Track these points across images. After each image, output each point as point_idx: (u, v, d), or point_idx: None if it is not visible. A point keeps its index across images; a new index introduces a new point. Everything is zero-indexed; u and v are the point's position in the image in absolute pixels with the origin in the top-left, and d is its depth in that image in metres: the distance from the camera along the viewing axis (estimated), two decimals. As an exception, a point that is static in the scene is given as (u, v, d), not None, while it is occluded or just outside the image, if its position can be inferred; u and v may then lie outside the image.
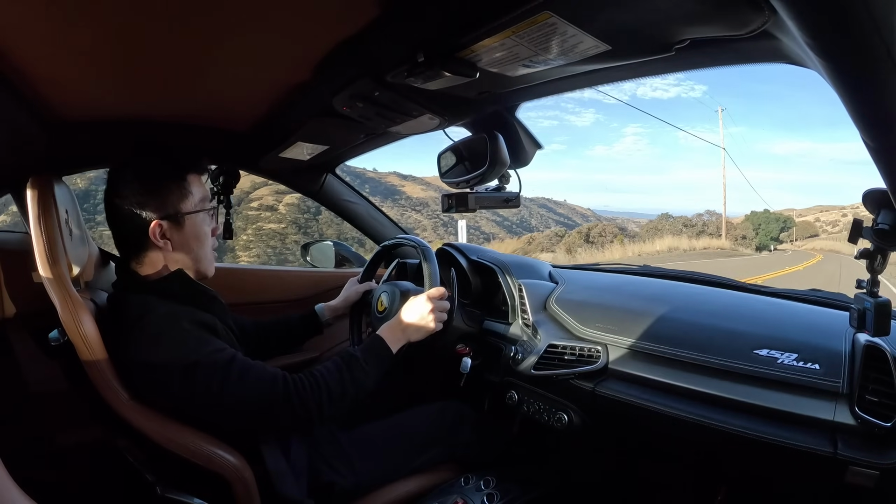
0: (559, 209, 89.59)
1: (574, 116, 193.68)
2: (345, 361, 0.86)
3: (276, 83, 0.83)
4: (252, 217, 30.42)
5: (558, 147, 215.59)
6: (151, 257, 0.85)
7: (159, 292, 0.83)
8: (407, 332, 0.94)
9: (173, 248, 0.85)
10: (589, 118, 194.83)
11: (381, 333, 0.93)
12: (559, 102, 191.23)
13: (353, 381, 0.84)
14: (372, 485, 0.97)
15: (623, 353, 0.96)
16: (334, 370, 0.84)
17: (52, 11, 0.54)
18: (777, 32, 0.49)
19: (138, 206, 0.82)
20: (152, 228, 0.82)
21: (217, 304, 0.91)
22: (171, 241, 0.85)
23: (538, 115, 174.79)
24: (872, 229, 0.62)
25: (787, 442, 0.72)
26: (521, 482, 1.04)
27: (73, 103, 0.85)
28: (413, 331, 0.95)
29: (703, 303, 1.02)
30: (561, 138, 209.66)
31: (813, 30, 0.37)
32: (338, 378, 0.83)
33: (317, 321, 1.19)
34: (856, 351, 0.73)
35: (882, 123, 0.42)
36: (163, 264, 0.86)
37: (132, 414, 0.76)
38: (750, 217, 37.89)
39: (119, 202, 0.83)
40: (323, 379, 0.82)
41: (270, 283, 1.55)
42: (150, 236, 0.82)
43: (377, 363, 0.89)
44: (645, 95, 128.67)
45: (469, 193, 0.97)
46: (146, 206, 0.82)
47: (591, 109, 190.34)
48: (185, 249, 0.87)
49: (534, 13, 0.50)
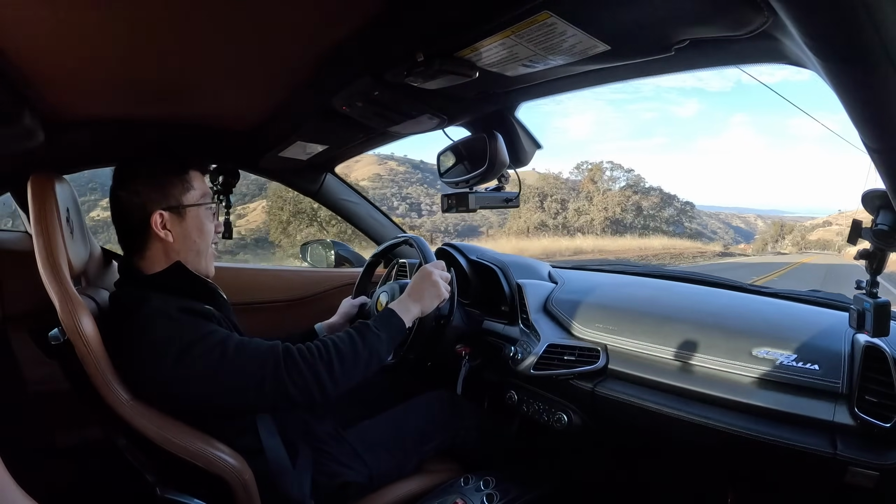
0: None
1: (676, 107, 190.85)
2: (356, 329, 0.85)
3: (276, 83, 0.84)
4: None
5: (662, 140, 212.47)
6: (153, 251, 0.86)
7: (158, 286, 0.83)
8: (417, 302, 0.94)
9: (174, 240, 0.86)
10: (692, 108, 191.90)
11: (391, 306, 0.92)
12: (660, 93, 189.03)
13: (367, 346, 0.82)
14: (385, 477, 0.97)
15: (623, 353, 0.96)
16: (346, 336, 0.83)
17: (52, 11, 0.54)
18: (777, 33, 0.49)
19: (141, 198, 0.84)
20: (154, 218, 0.84)
21: (217, 299, 0.91)
22: (173, 233, 0.86)
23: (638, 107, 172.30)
24: (872, 230, 0.62)
25: (787, 442, 0.72)
26: (521, 482, 1.04)
27: (73, 103, 0.85)
28: (423, 300, 0.94)
29: (702, 303, 1.02)
30: (664, 130, 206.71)
31: (812, 31, 0.37)
32: (349, 342, 0.81)
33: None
34: (855, 351, 0.73)
35: (882, 124, 0.42)
36: (164, 258, 0.87)
37: (132, 414, 0.76)
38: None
39: (123, 195, 0.85)
40: (332, 343, 0.80)
41: (270, 283, 1.55)
42: (151, 226, 0.84)
43: (389, 332, 0.87)
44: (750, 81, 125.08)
45: (469, 193, 0.97)
46: (149, 198, 0.84)
47: (694, 99, 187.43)
48: (186, 242, 0.88)
49: (533, 13, 0.50)
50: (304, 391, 0.76)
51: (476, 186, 0.99)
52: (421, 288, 0.95)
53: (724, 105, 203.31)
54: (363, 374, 0.82)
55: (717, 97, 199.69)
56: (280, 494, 0.83)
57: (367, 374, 0.83)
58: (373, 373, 0.85)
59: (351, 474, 0.93)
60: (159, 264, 0.86)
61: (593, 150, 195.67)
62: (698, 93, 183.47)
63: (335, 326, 1.19)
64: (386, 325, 0.88)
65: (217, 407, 0.79)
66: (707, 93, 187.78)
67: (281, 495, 0.83)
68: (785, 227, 61.93)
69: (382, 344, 0.85)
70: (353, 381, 0.81)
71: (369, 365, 0.83)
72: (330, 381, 0.78)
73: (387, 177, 58.13)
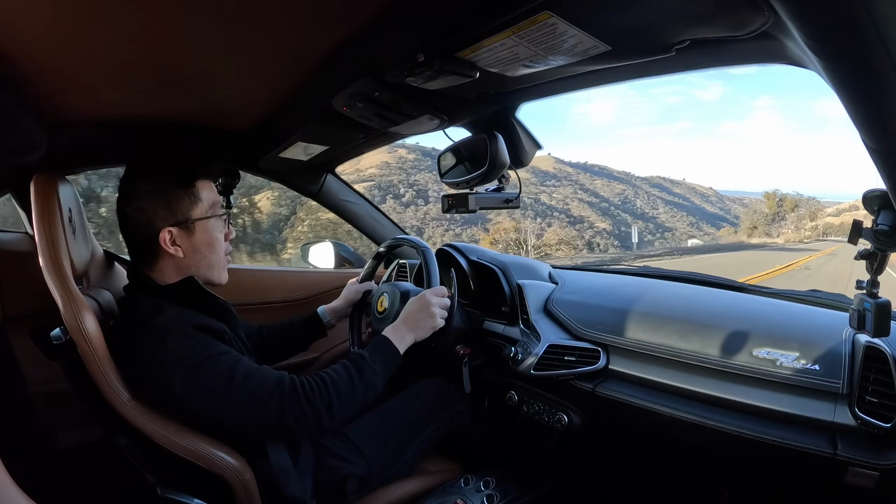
0: (675, 188, 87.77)
1: (701, 90, 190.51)
2: (353, 363, 0.86)
3: (276, 83, 0.83)
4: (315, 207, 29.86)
5: (686, 125, 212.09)
6: (164, 264, 0.85)
7: (170, 297, 0.83)
8: (412, 331, 0.94)
9: (185, 255, 0.85)
10: (716, 92, 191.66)
11: (386, 334, 0.93)
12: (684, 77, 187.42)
13: (363, 381, 0.84)
14: (384, 469, 0.98)
15: (623, 353, 0.96)
16: (343, 372, 0.84)
17: (52, 11, 0.54)
18: (777, 33, 0.49)
19: (148, 215, 0.83)
20: (162, 236, 0.82)
21: (228, 314, 0.91)
22: (182, 248, 0.85)
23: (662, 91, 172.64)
24: (872, 230, 0.61)
25: (787, 443, 0.72)
26: (521, 483, 1.04)
27: (73, 103, 0.85)
28: (417, 329, 0.95)
29: (703, 303, 1.02)
30: (688, 114, 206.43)
31: (813, 31, 0.37)
32: (347, 379, 0.83)
33: (320, 324, 1.20)
34: (856, 352, 0.73)
35: (882, 124, 0.42)
36: (176, 271, 0.86)
37: (133, 413, 0.76)
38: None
39: (129, 211, 0.83)
40: (332, 380, 0.81)
41: (271, 284, 1.55)
42: (160, 244, 0.83)
43: (385, 363, 0.89)
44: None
45: (469, 194, 0.97)
46: (156, 215, 0.83)
47: (719, 82, 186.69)
48: (197, 256, 0.87)
49: (534, 13, 0.50)
50: (302, 426, 0.78)
51: (476, 187, 0.99)
52: (417, 317, 0.95)
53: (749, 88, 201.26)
54: (359, 407, 0.85)
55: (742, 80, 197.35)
56: (281, 494, 0.83)
57: (363, 406, 0.86)
58: (368, 403, 0.87)
59: (350, 468, 0.93)
60: (171, 277, 0.86)
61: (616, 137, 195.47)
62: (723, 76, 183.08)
63: (337, 310, 1.21)
64: (381, 356, 0.89)
65: (218, 423, 0.79)
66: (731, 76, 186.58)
67: (282, 495, 0.83)
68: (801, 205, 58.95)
69: (378, 377, 0.87)
70: (349, 415, 0.84)
71: (365, 399, 0.85)
72: (328, 417, 0.79)
73: (395, 164, 58.33)
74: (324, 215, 20.00)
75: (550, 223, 58.44)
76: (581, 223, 61.34)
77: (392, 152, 60.02)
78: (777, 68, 10.52)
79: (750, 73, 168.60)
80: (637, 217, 72.94)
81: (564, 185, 73.03)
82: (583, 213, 63.19)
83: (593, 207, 65.35)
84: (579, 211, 63.22)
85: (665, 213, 79.00)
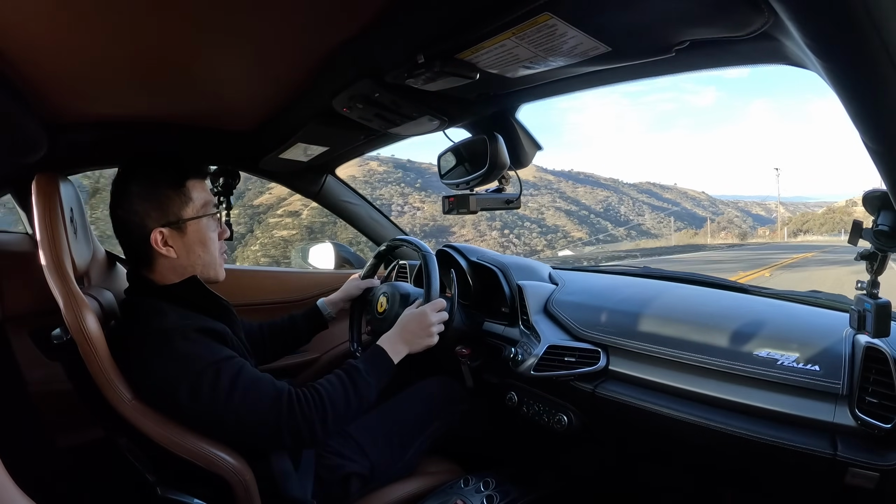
0: (666, 194, 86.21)
1: (693, 96, 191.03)
2: (349, 375, 0.86)
3: (276, 84, 0.84)
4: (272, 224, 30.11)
5: (680, 132, 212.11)
6: (160, 266, 0.86)
7: (171, 298, 0.83)
8: (407, 344, 0.96)
9: (178, 256, 0.85)
10: (709, 96, 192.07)
11: (381, 344, 0.94)
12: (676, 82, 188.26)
13: (358, 394, 0.85)
14: (386, 467, 0.98)
15: (623, 354, 0.96)
16: (338, 384, 0.84)
17: (52, 12, 0.54)
18: (777, 34, 0.49)
19: (140, 217, 0.83)
20: (154, 237, 0.83)
21: (229, 315, 0.91)
22: (175, 249, 0.85)
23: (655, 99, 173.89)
24: (872, 231, 0.61)
25: (787, 443, 0.72)
26: (521, 483, 1.04)
27: (73, 104, 0.85)
28: (413, 343, 0.96)
29: (703, 304, 1.02)
30: (683, 121, 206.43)
31: (813, 31, 0.38)
32: (343, 392, 0.84)
33: (321, 317, 1.21)
34: (856, 352, 0.73)
35: (882, 125, 0.42)
36: (173, 272, 0.86)
37: (133, 413, 0.76)
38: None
39: (121, 214, 0.83)
40: (327, 394, 0.82)
41: (270, 285, 1.55)
42: (152, 245, 0.83)
43: (379, 374, 0.90)
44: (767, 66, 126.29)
45: (470, 195, 0.97)
46: (148, 216, 0.83)
47: (712, 87, 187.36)
48: (191, 256, 0.87)
49: (534, 14, 0.50)
50: (296, 438, 0.79)
51: (476, 188, 0.99)
52: (414, 332, 0.96)
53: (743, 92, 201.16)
54: (353, 419, 0.87)
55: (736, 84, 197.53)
56: (282, 495, 0.83)
57: (356, 418, 0.87)
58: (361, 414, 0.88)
59: (353, 466, 0.94)
60: (170, 278, 0.86)
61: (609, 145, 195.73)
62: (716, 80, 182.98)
63: (336, 303, 1.22)
64: (375, 367, 0.90)
65: (217, 432, 0.79)
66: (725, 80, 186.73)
67: (282, 496, 0.83)
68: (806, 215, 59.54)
69: (372, 389, 0.88)
70: (343, 426, 0.86)
71: (359, 411, 0.86)
72: (322, 429, 0.80)
73: (361, 178, 58.10)
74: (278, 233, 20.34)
75: (520, 234, 57.83)
76: (555, 233, 60.54)
77: (363, 165, 59.34)
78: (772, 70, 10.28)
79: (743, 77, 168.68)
80: (619, 224, 72.20)
81: (543, 193, 71.69)
82: (558, 223, 62.47)
83: (571, 216, 64.58)
84: (554, 220, 62.43)
85: (651, 219, 78.48)
